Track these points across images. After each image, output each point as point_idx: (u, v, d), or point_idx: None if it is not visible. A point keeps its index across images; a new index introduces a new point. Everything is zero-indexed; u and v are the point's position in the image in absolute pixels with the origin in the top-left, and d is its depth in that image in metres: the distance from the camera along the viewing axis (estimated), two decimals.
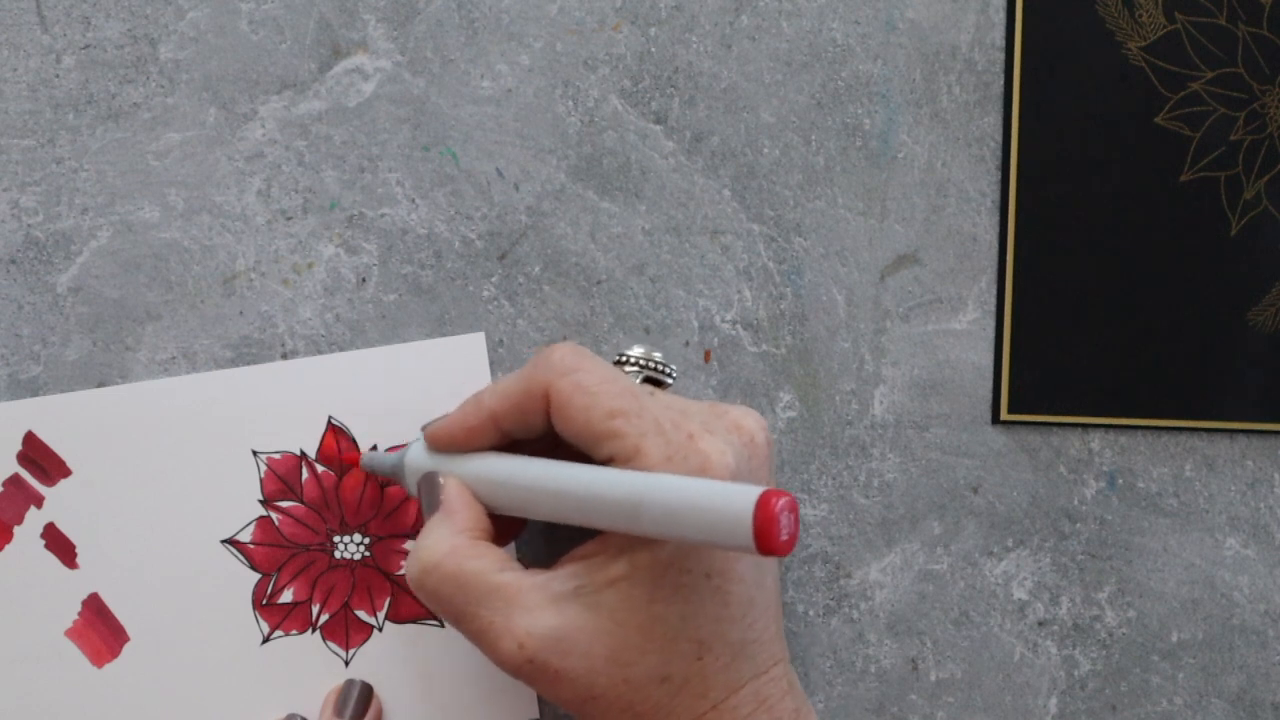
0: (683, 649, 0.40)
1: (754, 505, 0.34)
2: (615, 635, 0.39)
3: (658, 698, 0.40)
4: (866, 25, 0.50)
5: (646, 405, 0.40)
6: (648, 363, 0.45)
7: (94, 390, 0.47)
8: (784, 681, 0.42)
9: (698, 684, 0.40)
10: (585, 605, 0.40)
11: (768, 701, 0.41)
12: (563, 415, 0.41)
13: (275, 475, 0.47)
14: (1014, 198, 0.50)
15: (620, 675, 0.40)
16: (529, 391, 0.41)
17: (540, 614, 0.40)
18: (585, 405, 0.40)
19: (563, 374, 0.41)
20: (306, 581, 0.48)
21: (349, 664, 0.47)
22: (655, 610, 0.39)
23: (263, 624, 0.47)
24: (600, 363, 0.42)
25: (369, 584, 0.48)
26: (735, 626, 0.40)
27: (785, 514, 0.34)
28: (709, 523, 0.35)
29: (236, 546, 0.47)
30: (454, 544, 0.41)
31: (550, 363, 0.41)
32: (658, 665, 0.40)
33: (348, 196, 0.49)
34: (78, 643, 0.47)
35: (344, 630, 0.48)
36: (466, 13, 0.49)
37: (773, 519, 0.34)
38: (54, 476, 0.47)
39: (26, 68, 0.48)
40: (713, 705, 0.40)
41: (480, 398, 0.43)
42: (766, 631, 0.41)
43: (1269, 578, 0.51)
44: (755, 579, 0.41)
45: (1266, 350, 0.50)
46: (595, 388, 0.40)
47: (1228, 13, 0.50)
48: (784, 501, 0.34)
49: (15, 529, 0.47)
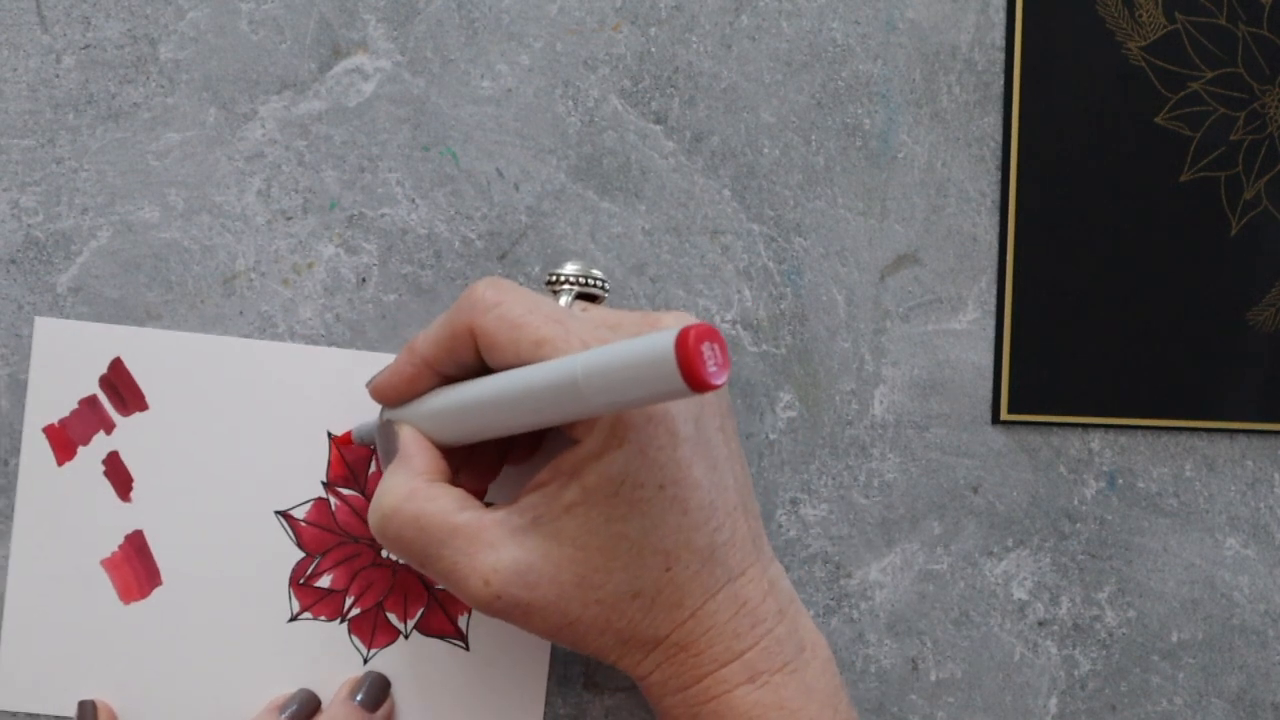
0: (649, 562, 0.40)
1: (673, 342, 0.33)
2: (579, 560, 0.40)
3: (632, 613, 0.40)
4: (866, 25, 0.50)
5: (573, 329, 0.40)
6: (578, 279, 0.45)
7: (190, 334, 0.48)
8: (763, 582, 0.42)
9: (671, 594, 0.40)
10: (545, 535, 0.40)
11: (748, 604, 0.41)
12: (491, 350, 0.41)
13: (344, 461, 0.48)
14: (1014, 198, 0.50)
15: (592, 598, 0.40)
16: (455, 333, 0.41)
17: (503, 549, 0.40)
18: (512, 338, 0.40)
19: (485, 310, 0.41)
20: (347, 572, 0.48)
21: (367, 662, 0.47)
22: (615, 529, 0.40)
23: (294, 602, 0.47)
24: (523, 293, 0.41)
25: (406, 590, 0.48)
26: (699, 533, 0.40)
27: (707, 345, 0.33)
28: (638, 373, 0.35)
29: (288, 521, 0.47)
30: (412, 487, 0.41)
31: (473, 301, 0.41)
32: (627, 582, 0.40)
33: (348, 196, 0.49)
34: (111, 574, 0.47)
35: (371, 628, 0.48)
36: (466, 13, 0.49)
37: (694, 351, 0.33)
38: (130, 407, 0.47)
39: (26, 68, 0.48)
40: (690, 613, 0.40)
41: (413, 346, 0.43)
42: (736, 534, 0.41)
43: (1269, 578, 0.51)
44: (712, 481, 0.41)
45: (1266, 350, 0.50)
46: (519, 319, 0.40)
47: (1228, 13, 0.50)
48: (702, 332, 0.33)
49: (80, 449, 0.47)
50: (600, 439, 0.39)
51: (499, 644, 0.48)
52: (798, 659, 0.42)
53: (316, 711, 0.46)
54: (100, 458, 0.47)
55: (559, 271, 0.45)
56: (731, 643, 0.41)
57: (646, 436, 0.39)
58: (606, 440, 0.39)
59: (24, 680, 0.47)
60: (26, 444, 0.47)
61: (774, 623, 0.41)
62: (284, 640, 0.47)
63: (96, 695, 0.47)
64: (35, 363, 0.47)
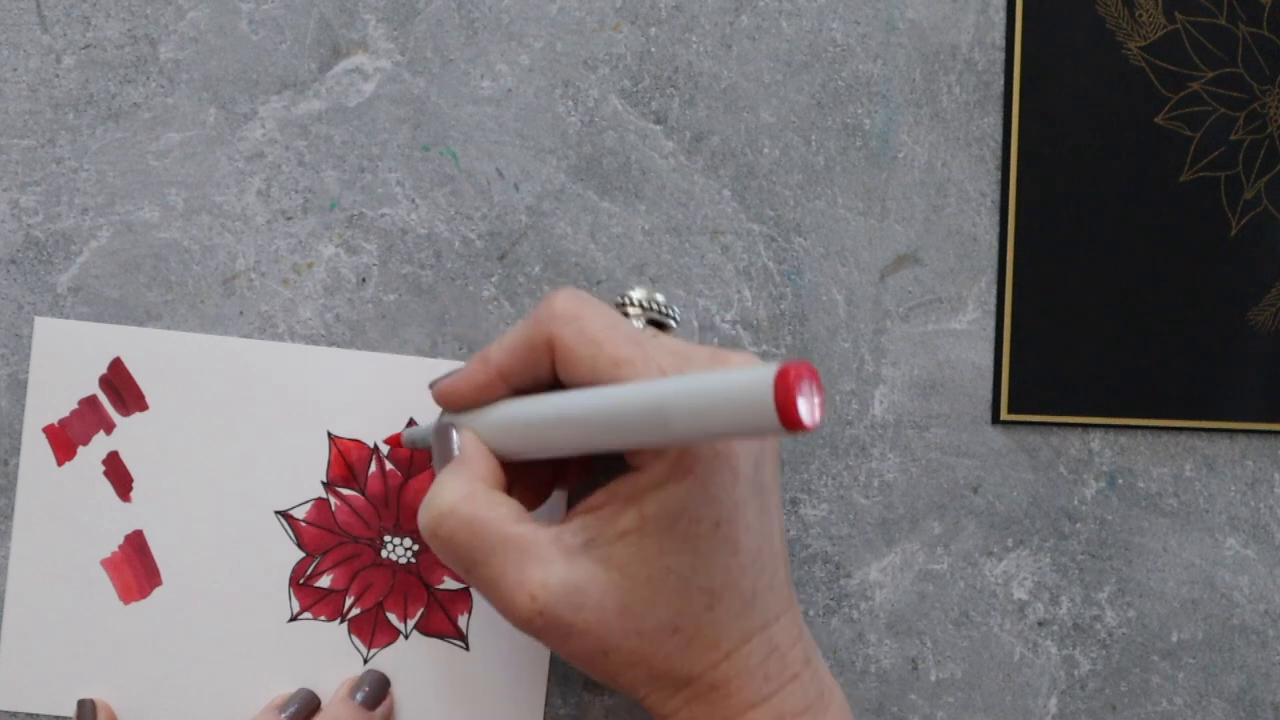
0: (694, 599, 0.39)
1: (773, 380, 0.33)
2: (626, 588, 0.39)
3: (669, 649, 0.40)
4: (866, 25, 0.50)
5: (651, 353, 0.39)
6: (650, 305, 0.44)
7: (190, 334, 0.48)
8: (794, 629, 0.42)
9: (709, 634, 0.40)
10: (596, 558, 0.39)
11: (779, 649, 0.41)
12: (568, 365, 0.40)
13: (344, 461, 0.48)
14: (1014, 198, 0.50)
15: (632, 628, 0.39)
16: (533, 343, 0.41)
17: (553, 566, 0.39)
18: (590, 355, 0.39)
19: (566, 322, 0.40)
20: (348, 572, 0.48)
21: (367, 662, 0.47)
22: (665, 561, 0.39)
23: (294, 602, 0.47)
24: (603, 308, 0.41)
25: (407, 590, 0.48)
26: (745, 575, 0.40)
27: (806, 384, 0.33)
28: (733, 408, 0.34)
29: (289, 521, 0.48)
30: (470, 490, 0.40)
31: (553, 311, 0.40)
32: (669, 617, 0.39)
33: (348, 196, 0.49)
34: (111, 574, 0.47)
35: (371, 628, 0.48)
36: (466, 13, 0.49)
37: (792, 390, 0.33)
38: (130, 407, 0.47)
39: (26, 68, 0.48)
40: (725, 655, 0.40)
41: (487, 354, 0.42)
42: (775, 579, 0.41)
43: (1269, 578, 0.51)
44: (762, 527, 0.41)
45: (1266, 350, 0.50)
46: (599, 335, 0.40)
47: (1228, 13, 0.50)
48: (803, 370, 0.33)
49: (79, 449, 0.47)
50: (664, 469, 0.39)
51: (499, 644, 0.48)
52: (818, 704, 0.42)
53: (316, 710, 0.46)
54: (100, 458, 0.47)
55: (630, 294, 0.44)
56: (761, 686, 0.40)
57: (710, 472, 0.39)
58: (670, 471, 0.39)
59: (24, 680, 0.47)
60: (26, 444, 0.47)
61: (800, 668, 0.41)
62: (284, 640, 0.47)
63: (96, 695, 0.47)
64: (35, 363, 0.47)
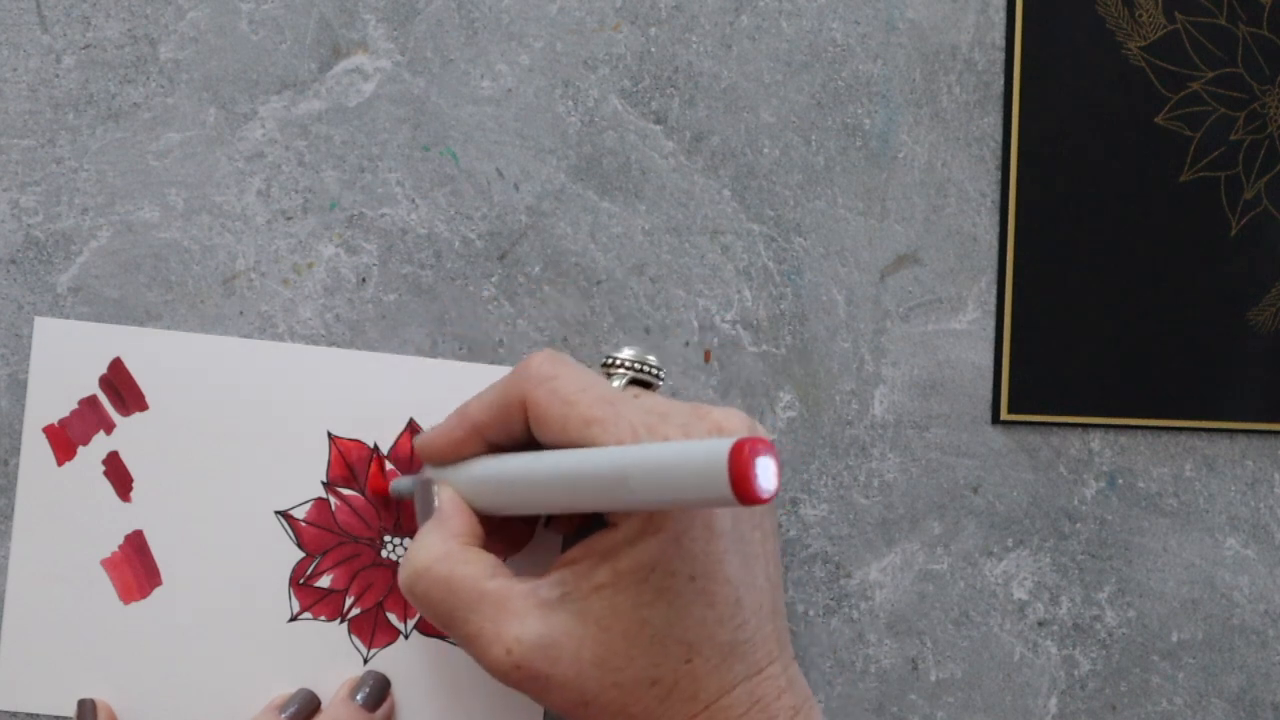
0: (671, 652, 0.40)
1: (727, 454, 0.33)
2: (602, 641, 0.40)
3: (648, 701, 0.40)
4: (866, 25, 0.50)
5: (623, 412, 0.40)
6: (634, 364, 0.45)
7: (190, 334, 0.48)
8: (781, 680, 0.42)
9: (688, 686, 0.40)
10: (572, 612, 0.40)
11: (762, 701, 0.41)
12: (541, 424, 0.41)
13: (344, 461, 0.48)
14: (1014, 198, 0.50)
15: (610, 680, 0.40)
16: (507, 402, 0.42)
17: (528, 621, 0.40)
18: (562, 414, 0.40)
19: (539, 383, 0.41)
20: (347, 572, 0.48)
21: (367, 662, 0.47)
22: (641, 615, 0.40)
23: (294, 602, 0.47)
24: (577, 370, 0.42)
25: None
26: (723, 628, 0.40)
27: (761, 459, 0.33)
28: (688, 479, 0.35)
29: (289, 521, 0.48)
30: (446, 549, 0.41)
31: (528, 372, 0.42)
32: (646, 669, 0.40)
33: (348, 196, 0.49)
34: (111, 575, 0.47)
35: (371, 628, 0.48)
36: (466, 13, 0.49)
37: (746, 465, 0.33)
38: (130, 407, 0.47)
39: (26, 68, 0.48)
40: (704, 706, 0.40)
41: (465, 409, 0.43)
42: (760, 631, 0.41)
43: (1269, 578, 0.51)
44: (742, 578, 0.41)
45: (1266, 350, 0.50)
46: (572, 396, 0.41)
47: (1228, 13, 0.50)
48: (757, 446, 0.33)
49: (79, 449, 0.47)
50: (637, 525, 0.40)
51: None
52: None
53: (316, 711, 0.46)
54: (100, 458, 0.47)
55: (615, 355, 0.45)
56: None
57: (683, 527, 0.40)
58: (643, 526, 0.40)
59: (24, 680, 0.47)
60: (26, 444, 0.47)
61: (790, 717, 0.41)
62: (284, 640, 0.47)
63: (96, 695, 0.47)
64: (35, 363, 0.47)
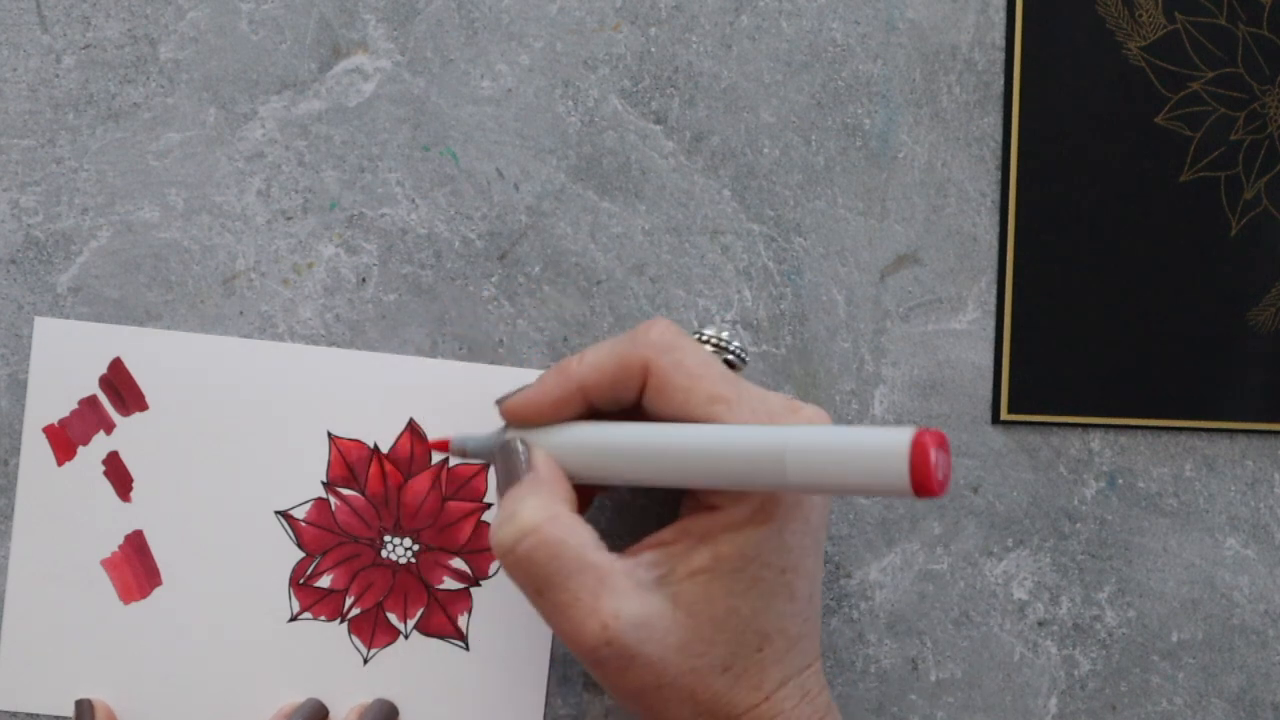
0: (748, 640, 0.40)
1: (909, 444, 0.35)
2: (689, 626, 0.40)
3: (718, 687, 0.40)
4: (866, 25, 0.50)
5: (743, 394, 0.40)
6: (727, 345, 0.44)
7: (190, 334, 0.48)
8: (820, 677, 0.43)
9: (755, 674, 0.40)
10: (666, 595, 0.40)
11: (810, 694, 0.42)
12: (661, 394, 0.40)
13: (344, 461, 0.48)
14: (1014, 198, 0.50)
15: (689, 665, 0.40)
16: (625, 365, 0.41)
17: (627, 598, 0.39)
18: (686, 387, 0.40)
19: (663, 351, 0.40)
20: (347, 572, 0.48)
21: (367, 662, 0.47)
22: (731, 603, 0.40)
23: (294, 602, 0.47)
24: (696, 344, 0.41)
25: (407, 590, 0.48)
26: (795, 620, 0.41)
27: (939, 452, 0.35)
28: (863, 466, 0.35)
29: (289, 521, 0.48)
30: (554, 512, 0.40)
31: (650, 338, 0.41)
32: (723, 656, 0.40)
33: (348, 196, 0.49)
34: (111, 575, 0.47)
35: (371, 628, 0.48)
36: (466, 13, 0.49)
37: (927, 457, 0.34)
38: (130, 407, 0.47)
39: (26, 68, 0.48)
40: (766, 696, 0.41)
41: (567, 369, 0.42)
42: (815, 627, 0.42)
43: (1269, 578, 0.51)
44: (816, 574, 0.42)
45: (1266, 350, 0.50)
46: (696, 369, 0.40)
47: (1228, 13, 0.50)
48: (937, 439, 0.35)
49: (79, 449, 0.47)
50: (744, 512, 0.40)
51: (499, 644, 0.48)
52: None
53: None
54: (100, 457, 0.47)
55: (703, 331, 0.44)
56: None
57: (787, 519, 0.40)
58: (751, 515, 0.39)
59: (24, 680, 0.47)
60: (26, 444, 0.47)
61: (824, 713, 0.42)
62: (284, 640, 0.47)
63: (96, 695, 0.47)
64: (35, 363, 0.47)
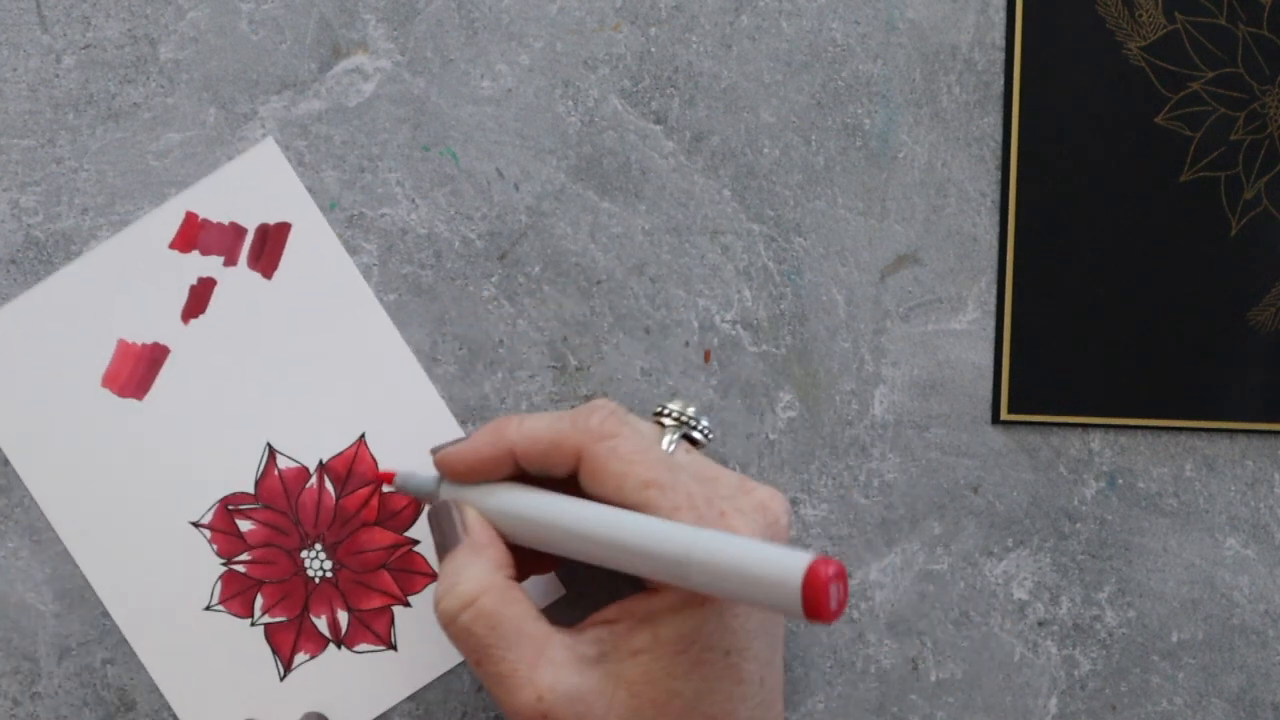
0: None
1: (804, 572, 0.35)
2: (631, 706, 0.40)
3: None
4: (866, 25, 0.50)
5: (680, 479, 0.40)
6: (685, 419, 0.44)
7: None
8: None
9: None
10: (606, 673, 0.40)
11: None
12: (595, 479, 0.41)
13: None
14: (1014, 198, 0.50)
15: None
16: (559, 446, 0.41)
17: (564, 671, 0.40)
18: (619, 472, 0.40)
19: (598, 439, 0.41)
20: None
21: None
22: (673, 685, 0.40)
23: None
24: (636, 427, 0.42)
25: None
26: (745, 705, 0.41)
27: (835, 584, 0.35)
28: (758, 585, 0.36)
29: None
30: (492, 581, 0.41)
31: (589, 424, 0.41)
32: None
33: (348, 196, 0.49)
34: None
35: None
36: (466, 13, 0.49)
37: (823, 587, 0.35)
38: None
39: (26, 68, 0.48)
40: None
41: (503, 430, 0.42)
42: (772, 710, 0.42)
43: (1269, 578, 0.51)
44: (767, 658, 0.41)
45: (1266, 350, 0.50)
46: (631, 456, 0.40)
47: (1228, 13, 0.50)
48: (833, 570, 0.35)
49: None
50: (682, 594, 0.40)
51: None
52: None
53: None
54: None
55: (669, 405, 0.44)
56: None
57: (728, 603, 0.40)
58: (688, 598, 0.40)
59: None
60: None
61: None
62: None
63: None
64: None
